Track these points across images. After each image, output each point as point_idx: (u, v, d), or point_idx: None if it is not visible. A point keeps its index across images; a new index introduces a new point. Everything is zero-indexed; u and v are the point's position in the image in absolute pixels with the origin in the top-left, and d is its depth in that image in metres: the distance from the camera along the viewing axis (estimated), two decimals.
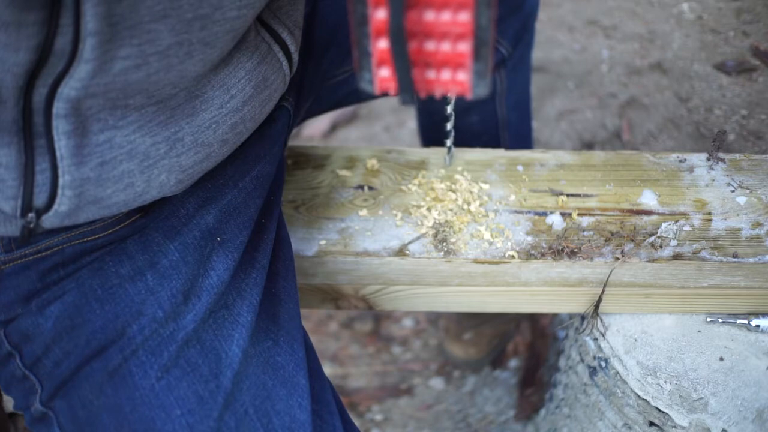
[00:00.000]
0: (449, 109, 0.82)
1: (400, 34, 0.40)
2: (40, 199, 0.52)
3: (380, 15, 0.40)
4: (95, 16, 0.44)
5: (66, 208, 0.53)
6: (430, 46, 0.42)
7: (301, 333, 0.65)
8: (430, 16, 0.41)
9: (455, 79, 0.43)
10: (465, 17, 0.41)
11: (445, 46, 0.42)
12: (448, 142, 0.86)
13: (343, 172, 0.88)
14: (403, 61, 0.41)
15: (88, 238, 0.60)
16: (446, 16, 0.41)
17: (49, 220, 0.54)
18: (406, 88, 0.43)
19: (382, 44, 0.42)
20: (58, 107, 0.48)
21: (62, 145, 0.50)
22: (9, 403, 0.85)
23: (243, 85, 0.60)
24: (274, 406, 0.59)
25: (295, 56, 0.67)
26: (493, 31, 0.41)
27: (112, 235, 0.61)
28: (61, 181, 0.51)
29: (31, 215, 0.52)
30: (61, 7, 0.43)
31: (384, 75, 0.43)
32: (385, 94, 0.54)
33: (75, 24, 0.44)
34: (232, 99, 0.59)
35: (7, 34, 0.42)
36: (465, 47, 0.42)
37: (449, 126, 0.84)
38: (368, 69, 0.43)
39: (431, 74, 0.43)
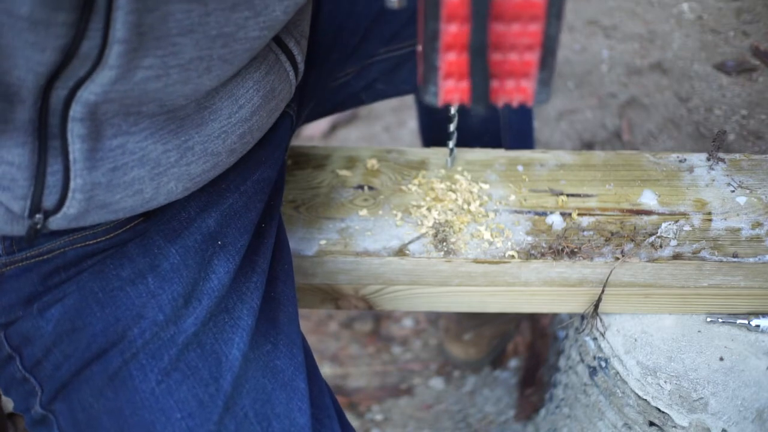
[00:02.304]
0: (453, 110, 0.82)
1: (482, 49, 0.41)
2: (49, 200, 0.52)
3: (452, 29, 0.41)
4: (126, 24, 0.44)
5: (75, 211, 0.53)
6: (497, 56, 0.43)
7: (300, 337, 0.65)
8: (500, 27, 0.41)
9: (519, 87, 0.44)
10: (535, 27, 0.41)
11: (513, 56, 0.43)
12: (451, 144, 0.86)
13: (343, 172, 0.88)
14: (483, 75, 0.42)
15: (90, 242, 0.60)
16: (516, 27, 0.41)
17: (56, 222, 0.54)
18: (482, 99, 0.43)
19: (451, 57, 0.42)
20: (75, 110, 0.48)
21: (76, 148, 0.50)
22: (9, 404, 0.85)
23: (251, 96, 0.60)
24: (274, 409, 0.59)
25: (302, 66, 0.67)
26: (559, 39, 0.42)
27: (114, 239, 0.61)
28: (72, 184, 0.51)
29: (38, 216, 0.52)
30: (92, 11, 0.43)
31: (449, 86, 0.44)
32: (447, 106, 0.55)
33: (104, 29, 0.44)
34: (240, 109, 0.59)
35: (36, 33, 0.42)
36: (533, 56, 0.42)
37: (452, 128, 0.84)
38: (434, 82, 0.43)
39: (495, 83, 0.44)
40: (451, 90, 0.44)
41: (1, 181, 0.49)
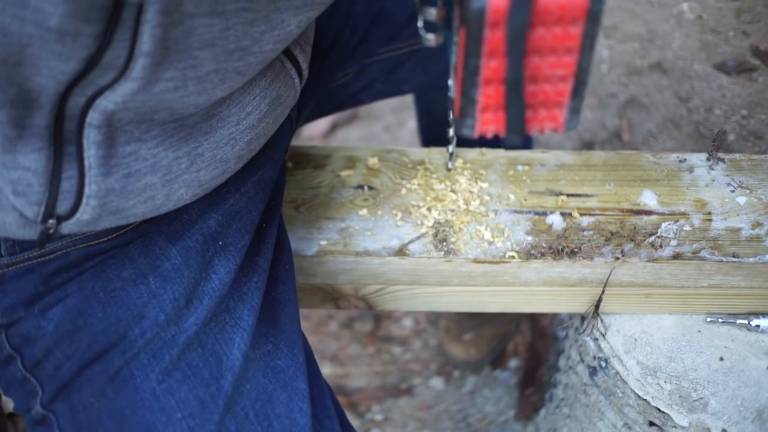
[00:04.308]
0: (452, 114, 0.82)
1: (518, 82, 0.43)
2: (63, 206, 0.52)
3: (493, 64, 0.42)
4: (152, 37, 0.44)
5: (88, 216, 0.53)
6: (531, 87, 0.44)
7: (300, 337, 0.65)
8: (536, 60, 0.43)
9: (551, 115, 0.46)
10: (570, 59, 0.43)
11: (547, 87, 0.44)
12: (451, 148, 0.86)
13: (343, 172, 0.88)
14: (519, 107, 0.44)
15: (92, 243, 0.60)
16: (551, 59, 0.43)
17: (68, 227, 0.54)
18: (518, 130, 0.45)
19: (490, 90, 0.44)
20: (93, 117, 0.48)
21: (91, 154, 0.50)
22: (9, 404, 0.85)
23: (258, 102, 0.60)
24: (275, 409, 0.59)
25: (306, 73, 0.67)
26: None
27: (115, 240, 0.61)
28: (87, 190, 0.51)
29: (51, 221, 0.52)
30: (119, 23, 0.44)
31: (486, 118, 0.45)
32: (482, 137, 0.57)
33: (131, 42, 0.45)
34: (248, 116, 0.60)
35: (63, 44, 0.43)
36: (566, 86, 0.44)
37: (452, 132, 0.84)
38: (471, 115, 0.45)
39: (528, 112, 0.46)
40: (488, 121, 0.45)
41: (16, 187, 0.49)
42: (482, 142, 1.09)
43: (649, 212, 0.83)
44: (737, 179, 0.86)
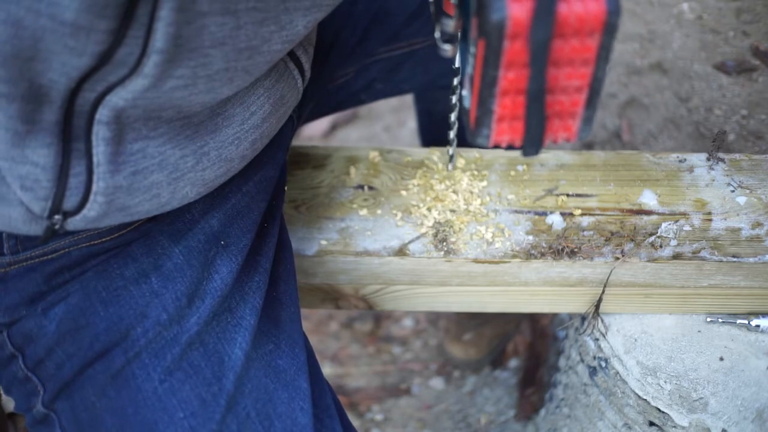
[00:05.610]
0: (453, 117, 0.82)
1: (540, 94, 0.43)
2: (70, 202, 0.52)
3: (510, 75, 0.43)
4: (165, 35, 0.44)
5: (95, 213, 0.53)
6: (547, 97, 0.45)
7: (302, 336, 0.65)
8: (553, 71, 0.43)
9: (565, 125, 0.46)
10: (585, 70, 0.43)
11: (562, 97, 0.45)
12: (451, 150, 0.86)
13: (343, 172, 0.88)
14: (539, 119, 0.44)
15: (95, 242, 0.60)
16: (568, 70, 0.43)
17: (74, 223, 0.54)
18: (536, 142, 0.46)
19: (507, 101, 0.44)
20: (102, 113, 0.48)
21: (100, 151, 0.50)
22: (9, 404, 0.85)
23: (262, 102, 0.61)
24: (276, 409, 0.59)
25: (308, 73, 0.68)
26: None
27: (118, 239, 0.61)
28: (95, 186, 0.51)
29: (57, 217, 0.52)
30: (132, 20, 0.44)
31: (502, 128, 0.46)
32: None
33: (144, 39, 0.45)
34: (252, 116, 0.60)
35: (76, 39, 0.43)
36: (580, 97, 0.45)
37: (452, 135, 0.84)
38: (487, 125, 0.45)
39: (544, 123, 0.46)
40: (503, 131, 0.46)
41: (24, 182, 0.50)
42: None
43: (649, 212, 0.83)
44: (737, 179, 0.86)
